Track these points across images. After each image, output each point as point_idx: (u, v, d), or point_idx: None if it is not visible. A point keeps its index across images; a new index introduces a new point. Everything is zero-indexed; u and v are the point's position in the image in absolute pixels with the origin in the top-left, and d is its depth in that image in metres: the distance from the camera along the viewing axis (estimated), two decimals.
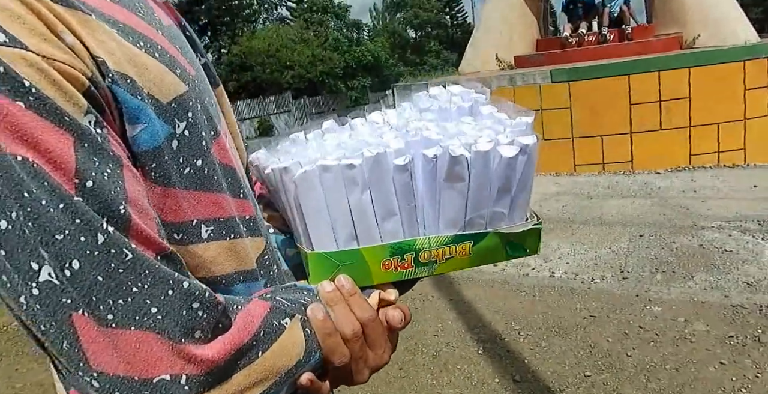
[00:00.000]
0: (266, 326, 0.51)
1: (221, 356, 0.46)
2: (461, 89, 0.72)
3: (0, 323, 3.68)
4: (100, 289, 0.41)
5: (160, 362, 0.43)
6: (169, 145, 0.51)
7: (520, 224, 0.66)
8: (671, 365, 2.55)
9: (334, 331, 0.55)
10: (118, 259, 0.42)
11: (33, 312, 0.41)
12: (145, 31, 0.53)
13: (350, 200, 0.59)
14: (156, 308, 0.43)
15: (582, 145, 6.40)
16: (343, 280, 0.60)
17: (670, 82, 5.97)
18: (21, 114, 0.40)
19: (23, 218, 0.39)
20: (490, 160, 0.60)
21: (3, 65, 0.39)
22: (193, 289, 0.46)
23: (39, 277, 0.40)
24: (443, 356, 2.85)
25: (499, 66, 8.26)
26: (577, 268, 3.78)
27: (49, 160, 0.41)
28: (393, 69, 29.40)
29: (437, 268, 0.64)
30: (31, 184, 0.40)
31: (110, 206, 0.43)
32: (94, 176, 0.42)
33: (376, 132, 0.65)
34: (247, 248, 0.59)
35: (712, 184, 5.40)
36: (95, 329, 0.41)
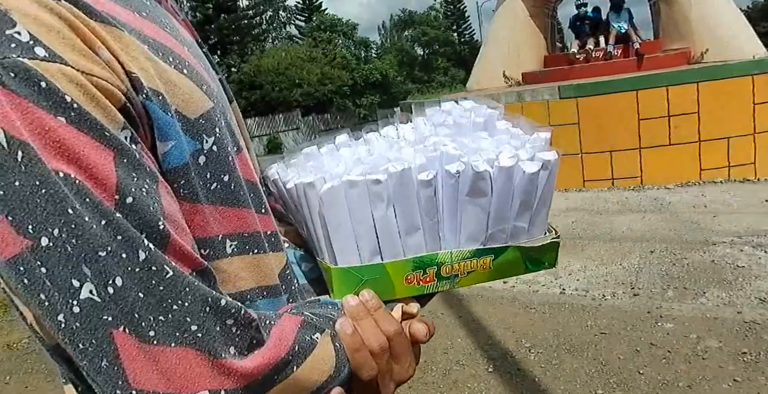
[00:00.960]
0: (300, 341, 0.51)
1: (259, 370, 0.46)
2: (474, 104, 0.72)
3: (9, 340, 3.69)
4: (142, 305, 0.41)
5: (200, 378, 0.43)
6: (196, 161, 0.51)
7: (539, 238, 0.67)
8: (684, 382, 2.52)
9: (363, 345, 0.56)
10: (159, 276, 0.42)
11: (72, 331, 0.40)
12: (173, 47, 0.53)
13: (375, 215, 0.60)
14: (196, 325, 0.43)
15: (591, 160, 6.38)
16: (368, 294, 0.60)
17: (679, 98, 5.96)
18: (62, 130, 0.40)
19: (66, 235, 0.39)
20: (512, 176, 0.61)
21: (45, 80, 0.39)
22: (229, 306, 0.46)
23: (80, 294, 0.40)
24: (453, 374, 2.83)
25: (506, 83, 8.29)
26: (587, 284, 3.75)
27: (91, 176, 0.41)
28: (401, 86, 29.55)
29: (458, 282, 0.65)
30: (74, 200, 0.40)
31: (149, 222, 0.43)
32: (134, 192, 0.43)
33: (394, 147, 0.65)
34: (270, 262, 0.59)
35: (722, 199, 5.36)
36: (136, 347, 0.41)
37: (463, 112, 0.71)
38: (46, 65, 0.40)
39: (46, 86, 0.40)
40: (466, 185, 0.60)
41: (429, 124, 0.70)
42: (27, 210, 0.39)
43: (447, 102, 0.73)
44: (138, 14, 0.52)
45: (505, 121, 0.70)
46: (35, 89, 0.39)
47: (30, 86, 0.39)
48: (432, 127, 0.69)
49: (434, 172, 0.60)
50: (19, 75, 0.39)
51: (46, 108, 0.39)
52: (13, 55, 0.39)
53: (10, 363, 3.42)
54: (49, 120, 0.39)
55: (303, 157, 0.68)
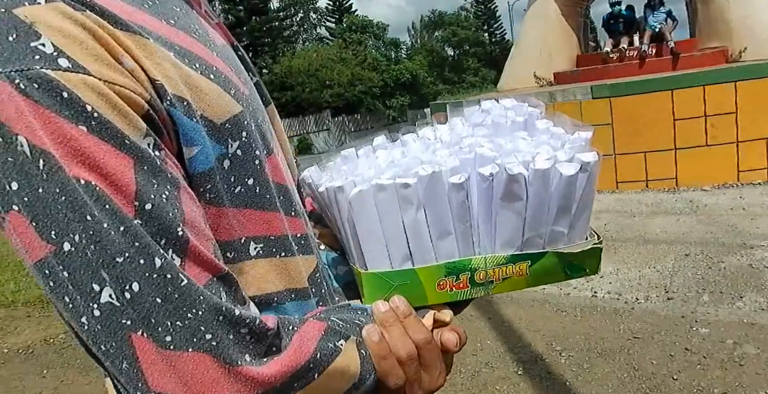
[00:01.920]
0: (322, 349, 0.51)
1: (277, 378, 0.46)
2: (514, 103, 0.70)
3: (47, 335, 3.79)
4: (159, 311, 0.42)
5: (217, 384, 0.44)
6: (221, 165, 0.52)
7: (579, 243, 0.64)
8: (719, 389, 2.46)
9: (390, 353, 0.55)
10: (174, 283, 0.43)
11: (94, 332, 0.42)
12: (200, 53, 0.54)
13: (405, 219, 0.59)
14: (210, 334, 0.44)
15: (624, 162, 6.28)
16: (398, 301, 0.59)
17: (716, 97, 5.82)
18: (83, 138, 0.41)
19: (85, 241, 0.41)
20: (549, 179, 0.58)
21: (67, 91, 0.41)
22: (244, 316, 0.46)
23: (100, 298, 0.41)
24: (482, 377, 2.81)
25: (538, 83, 8.21)
26: (620, 288, 3.69)
27: (110, 184, 0.42)
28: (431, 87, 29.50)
29: (493, 288, 0.62)
30: (94, 207, 0.41)
31: (169, 229, 0.44)
32: (153, 199, 0.43)
33: (429, 149, 0.64)
34: (298, 266, 0.59)
35: (761, 202, 5.22)
36: (154, 351, 0.42)
37: (503, 110, 0.69)
38: (69, 76, 0.41)
39: (68, 96, 0.41)
40: (500, 189, 0.58)
41: (467, 124, 0.68)
42: (50, 216, 0.40)
43: (487, 101, 0.71)
44: (166, 22, 0.53)
45: (545, 120, 0.67)
46: (57, 99, 0.41)
47: (52, 97, 0.41)
48: (470, 128, 0.67)
49: (466, 175, 0.58)
50: (43, 86, 0.40)
51: (67, 117, 0.41)
52: (37, 67, 0.41)
53: (46, 357, 3.51)
54: (70, 129, 0.41)
55: (340, 159, 0.68)
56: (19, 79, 0.40)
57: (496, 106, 0.70)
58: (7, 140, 0.40)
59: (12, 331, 3.94)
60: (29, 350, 3.63)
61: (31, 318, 4.13)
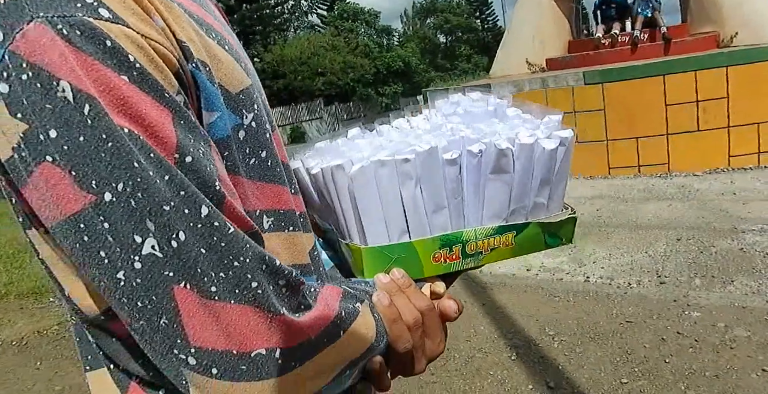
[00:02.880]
0: (344, 308, 0.52)
1: (313, 329, 0.47)
2: (480, 95, 0.74)
3: (40, 327, 3.78)
4: (204, 261, 0.42)
5: (258, 335, 0.43)
6: (236, 135, 0.52)
7: (557, 214, 0.69)
8: (711, 372, 2.48)
9: (399, 318, 0.57)
10: (221, 232, 0.43)
11: (131, 288, 0.41)
12: (213, 24, 0.54)
13: (403, 194, 0.61)
14: (256, 282, 0.44)
15: (617, 147, 6.29)
16: (398, 273, 0.62)
17: (708, 82, 5.82)
18: (126, 87, 0.41)
19: (131, 189, 0.40)
20: (533, 153, 0.63)
21: (110, 39, 0.40)
22: (283, 267, 0.47)
23: (142, 250, 0.40)
24: (476, 362, 2.83)
25: (530, 69, 8.18)
26: (612, 272, 3.71)
27: (153, 134, 0.41)
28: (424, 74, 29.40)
29: (483, 259, 0.67)
30: (139, 155, 0.40)
31: (207, 183, 0.44)
32: (192, 152, 0.43)
33: (410, 136, 0.67)
34: (303, 241, 0.60)
35: (752, 186, 5.25)
36: (197, 303, 0.42)
37: (472, 102, 0.73)
38: (110, 26, 0.41)
39: (111, 45, 0.40)
40: (490, 163, 0.62)
41: (439, 114, 0.72)
42: (91, 165, 0.39)
43: (455, 93, 0.75)
44: None
45: (514, 108, 0.72)
46: (101, 47, 0.40)
47: (96, 44, 0.40)
48: (443, 117, 0.71)
49: (458, 151, 0.61)
50: (86, 33, 0.40)
51: (111, 66, 0.40)
52: (80, 14, 0.40)
53: (40, 349, 3.50)
54: (113, 78, 0.40)
55: (314, 151, 0.70)
56: (61, 25, 0.39)
57: (464, 98, 0.74)
58: (47, 86, 0.38)
59: (5, 323, 3.93)
60: (23, 342, 3.62)
61: (24, 310, 4.12)
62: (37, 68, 0.38)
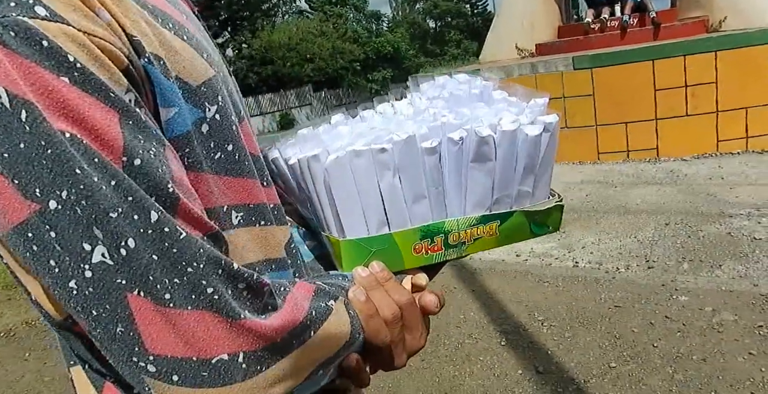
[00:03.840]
0: (315, 307, 0.50)
1: (278, 332, 0.46)
2: (467, 77, 0.72)
3: (28, 317, 3.76)
4: (157, 268, 0.40)
5: (218, 341, 0.42)
6: (199, 129, 0.50)
7: (543, 201, 0.68)
8: (698, 355, 2.50)
9: (376, 313, 0.56)
10: (172, 237, 0.41)
11: (84, 297, 0.39)
12: (173, 14, 0.52)
13: (381, 184, 0.60)
14: (212, 287, 0.42)
15: (606, 132, 6.29)
16: (377, 266, 0.60)
17: (696, 67, 5.82)
18: (67, 90, 0.39)
19: (75, 197, 0.38)
20: (515, 140, 0.61)
21: (47, 40, 0.38)
22: (242, 271, 0.45)
23: (92, 258, 0.39)
24: (465, 348, 2.84)
25: (519, 54, 8.16)
26: (601, 257, 3.73)
27: (97, 137, 0.40)
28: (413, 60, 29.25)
29: (466, 249, 0.65)
30: (82, 161, 0.38)
31: (158, 185, 0.42)
32: (142, 154, 0.41)
33: (393, 121, 0.65)
34: (277, 235, 0.59)
35: (740, 171, 5.28)
36: (152, 310, 0.40)
37: (458, 85, 0.71)
38: (48, 24, 0.39)
39: (48, 45, 0.38)
40: (471, 151, 0.60)
41: (424, 98, 0.70)
42: (33, 173, 0.37)
43: (441, 76, 0.73)
44: None
45: (501, 91, 0.70)
46: (37, 48, 0.38)
47: (31, 45, 0.38)
48: (428, 101, 0.69)
49: (438, 139, 0.60)
50: (20, 34, 0.38)
51: (48, 68, 0.38)
52: (14, 14, 0.38)
53: (29, 340, 3.49)
54: (52, 80, 0.38)
55: (300, 138, 0.68)
56: None
57: (450, 80, 0.72)
58: None
59: None
60: (11, 334, 3.60)
61: (11, 301, 4.09)
62: None
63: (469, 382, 2.56)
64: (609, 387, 2.38)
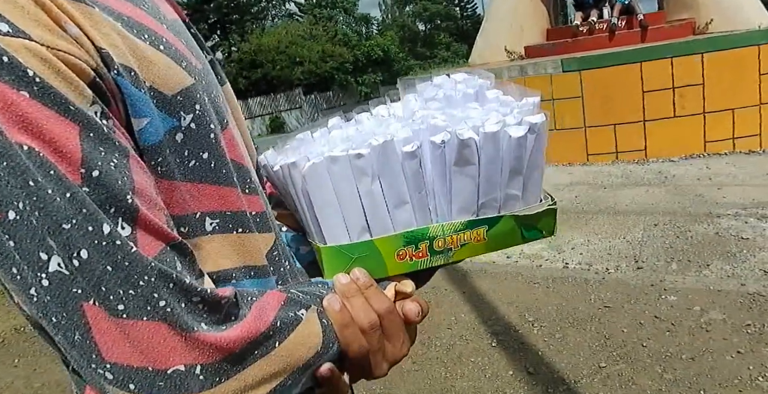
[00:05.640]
0: (282, 317, 0.50)
1: (236, 345, 0.46)
2: (465, 76, 0.71)
3: (17, 323, 3.73)
4: (110, 279, 0.41)
5: (174, 352, 0.43)
6: (173, 138, 0.50)
7: (534, 205, 0.65)
8: (687, 354, 2.52)
9: (352, 322, 0.55)
10: (124, 250, 0.42)
11: (43, 304, 0.40)
12: (149, 24, 0.52)
13: (360, 190, 0.59)
14: (164, 301, 0.43)
15: (595, 134, 6.33)
16: (359, 273, 0.59)
17: (684, 69, 5.88)
18: (26, 104, 0.39)
19: (29, 208, 0.39)
20: (499, 142, 0.59)
21: (7, 55, 0.39)
22: (195, 285, 0.45)
23: (48, 267, 0.40)
24: (457, 349, 2.84)
25: (509, 57, 8.19)
26: (590, 258, 3.75)
27: (54, 150, 0.40)
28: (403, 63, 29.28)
29: (453, 255, 0.63)
30: (37, 173, 0.39)
31: (117, 196, 0.43)
32: (101, 166, 0.42)
33: (383, 125, 0.65)
34: (257, 242, 0.59)
35: (727, 171, 5.33)
36: (107, 320, 0.41)
37: (455, 84, 0.70)
38: (9, 40, 0.39)
39: (8, 61, 0.39)
40: (453, 155, 0.59)
41: (420, 99, 0.69)
42: None
43: (438, 76, 0.72)
44: None
45: (495, 90, 0.69)
46: None
47: None
48: (422, 102, 0.68)
49: (418, 143, 0.59)
50: None
51: (7, 82, 0.39)
52: None
53: (18, 346, 3.46)
54: (11, 94, 0.39)
55: (297, 142, 0.68)
56: None
57: (448, 80, 0.71)
58: None
59: None
60: (0, 340, 3.57)
61: (1, 307, 4.06)
62: None
63: (461, 383, 2.57)
64: (599, 387, 2.39)
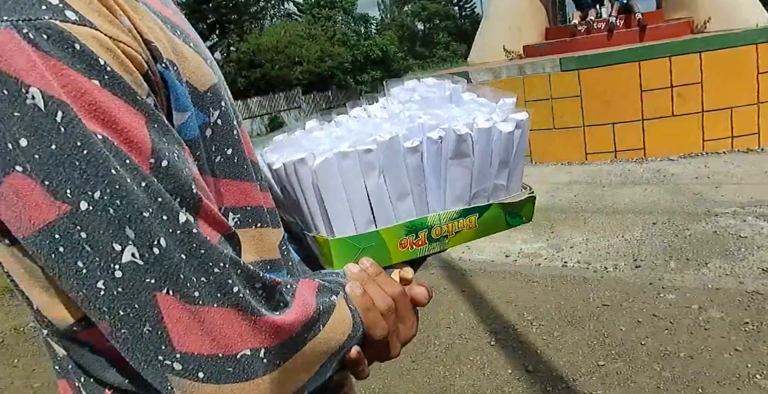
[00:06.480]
0: (322, 303, 0.52)
1: (294, 326, 0.48)
2: (436, 81, 0.76)
3: (17, 323, 3.73)
4: (185, 267, 0.42)
5: (241, 337, 0.44)
6: (203, 134, 0.52)
7: (517, 194, 0.72)
8: (686, 352, 2.53)
9: (373, 306, 0.57)
10: (199, 238, 0.43)
11: (111, 297, 0.40)
12: (179, 23, 0.54)
13: (368, 183, 0.63)
14: (237, 287, 0.44)
15: (593, 133, 6.34)
16: (367, 262, 0.62)
17: (682, 68, 5.88)
18: (98, 92, 0.40)
19: (109, 197, 0.39)
20: (491, 136, 0.65)
21: (79, 43, 0.39)
22: (257, 271, 0.47)
23: (122, 258, 0.39)
24: (456, 348, 2.85)
25: (507, 56, 8.20)
26: (589, 257, 3.75)
27: (125, 140, 0.41)
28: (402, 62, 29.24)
29: (448, 242, 0.69)
30: (115, 161, 0.39)
31: (183, 186, 0.43)
32: (168, 156, 0.43)
33: (368, 125, 0.67)
34: (272, 236, 0.60)
35: (726, 170, 5.33)
36: (180, 308, 0.41)
37: (428, 88, 0.74)
38: (78, 28, 0.40)
39: (80, 49, 0.39)
40: (450, 149, 0.64)
41: (396, 102, 0.73)
42: (65, 174, 0.38)
43: (410, 80, 0.77)
44: None
45: (469, 92, 0.74)
46: (69, 51, 0.39)
47: (64, 48, 0.39)
48: (400, 105, 0.72)
49: (419, 139, 0.63)
50: (53, 37, 0.39)
51: (80, 70, 0.39)
52: (45, 17, 0.39)
53: (17, 347, 3.46)
54: (84, 82, 0.39)
55: (277, 144, 0.70)
56: (27, 29, 0.38)
57: (420, 84, 0.76)
58: (15, 93, 0.37)
59: None
60: (0, 340, 3.58)
61: (0, 307, 4.06)
62: (3, 75, 0.37)
63: (460, 382, 2.57)
64: (597, 385, 2.40)
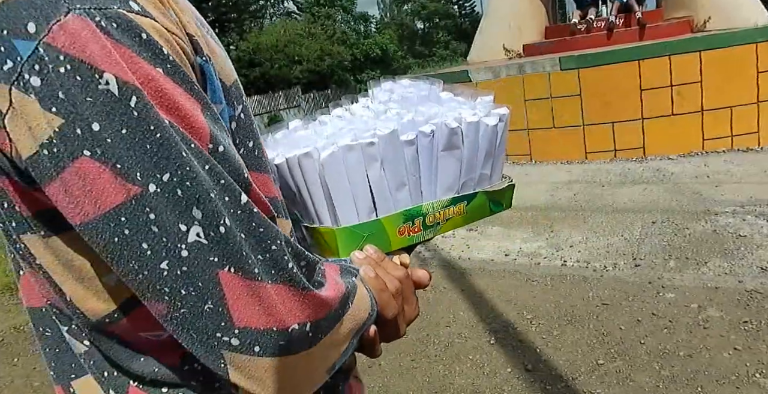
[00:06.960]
0: (347, 282, 0.55)
1: (335, 301, 0.50)
2: (411, 82, 0.80)
3: (17, 322, 3.73)
4: (246, 245, 0.43)
5: (292, 312, 0.46)
6: (230, 126, 0.53)
7: (499, 183, 0.79)
8: (685, 351, 2.53)
9: (386, 287, 0.60)
10: (258, 217, 0.45)
11: (175, 277, 0.41)
12: (204, 21, 0.55)
13: (370, 175, 0.66)
14: (290, 263, 0.46)
15: (593, 132, 6.33)
16: (371, 249, 0.66)
17: (682, 67, 5.88)
18: (163, 80, 0.41)
19: (178, 179, 0.40)
20: (478, 129, 0.71)
21: (144, 32, 0.41)
22: (302, 249, 0.50)
23: (188, 238, 0.41)
24: (455, 347, 2.85)
25: (507, 55, 8.20)
26: (589, 256, 3.76)
27: (188, 125, 0.42)
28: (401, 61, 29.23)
29: (440, 229, 0.74)
30: (183, 145, 0.41)
31: (237, 170, 0.46)
32: (222, 142, 0.45)
33: (356, 123, 0.72)
34: (286, 227, 0.62)
35: (725, 169, 5.33)
36: (241, 284, 0.43)
37: (405, 88, 0.78)
38: (142, 19, 0.41)
39: (147, 38, 0.41)
40: (442, 141, 0.69)
41: (376, 101, 0.77)
42: (135, 157, 0.39)
43: (386, 82, 0.81)
44: None
45: (446, 92, 0.79)
46: (137, 40, 0.41)
47: (132, 37, 0.40)
48: (381, 104, 0.76)
49: (415, 133, 0.67)
50: (122, 25, 0.40)
51: (147, 59, 0.41)
52: (114, 7, 0.40)
53: (17, 345, 3.46)
54: (150, 70, 0.41)
55: (269, 143, 0.73)
56: (99, 17, 0.39)
57: (396, 85, 0.80)
58: (88, 79, 0.38)
59: None
60: (0, 339, 3.58)
61: (0, 307, 4.06)
62: (76, 61, 0.38)
63: (459, 381, 2.57)
64: (597, 384, 2.40)
